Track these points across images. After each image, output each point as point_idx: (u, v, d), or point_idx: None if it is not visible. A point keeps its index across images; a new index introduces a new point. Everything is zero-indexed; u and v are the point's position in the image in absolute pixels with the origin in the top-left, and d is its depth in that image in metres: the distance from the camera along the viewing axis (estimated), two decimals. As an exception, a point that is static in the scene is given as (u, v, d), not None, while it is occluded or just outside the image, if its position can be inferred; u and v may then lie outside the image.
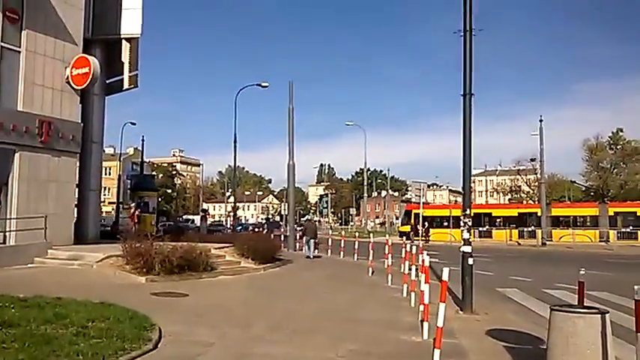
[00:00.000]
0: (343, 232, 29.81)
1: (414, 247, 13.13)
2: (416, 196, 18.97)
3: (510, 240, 38.43)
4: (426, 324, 7.40)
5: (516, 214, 42.87)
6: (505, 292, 13.05)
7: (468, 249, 9.97)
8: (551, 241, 37.03)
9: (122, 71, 19.27)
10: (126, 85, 19.35)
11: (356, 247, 20.73)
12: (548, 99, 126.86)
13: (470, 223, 10.11)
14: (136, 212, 22.54)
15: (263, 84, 35.04)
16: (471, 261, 9.98)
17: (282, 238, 25.25)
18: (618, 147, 74.52)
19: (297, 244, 25.47)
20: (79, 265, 13.19)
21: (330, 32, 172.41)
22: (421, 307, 8.77)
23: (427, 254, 12.18)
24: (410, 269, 11.44)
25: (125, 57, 18.94)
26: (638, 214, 38.76)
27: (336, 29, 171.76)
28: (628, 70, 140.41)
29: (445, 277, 6.17)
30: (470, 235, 10.11)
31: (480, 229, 42.31)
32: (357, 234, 25.77)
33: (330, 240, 23.84)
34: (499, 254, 26.77)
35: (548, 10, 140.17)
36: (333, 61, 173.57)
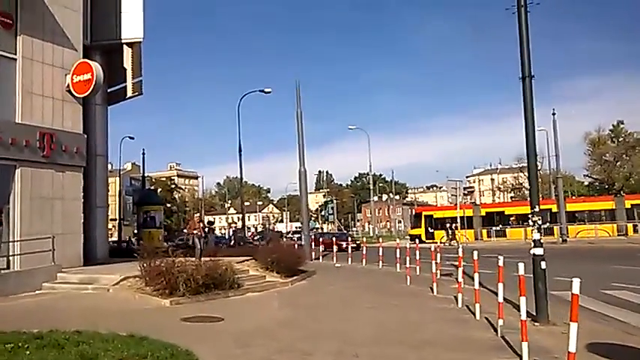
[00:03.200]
0: (364, 239, 28.54)
1: (461, 251, 12.07)
2: (452, 195, 17.89)
3: (527, 238, 37.21)
4: (525, 344, 6.18)
5: (530, 212, 41.70)
6: (561, 295, 11.76)
7: (539, 251, 8.85)
8: (568, 237, 35.88)
9: (125, 79, 18.07)
10: (129, 93, 18.12)
11: (380, 253, 19.57)
12: (543, 95, 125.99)
13: (540, 222, 8.97)
14: (201, 224, 17.61)
15: (266, 90, 33.87)
16: (544, 265, 8.85)
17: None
18: (620, 139, 73.82)
19: (314, 254, 24.28)
20: (94, 290, 11.90)
21: (325, 40, 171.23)
22: (500, 322, 7.64)
23: (445, 257, 11.24)
24: (472, 277, 10.30)
25: (127, 63, 17.74)
26: (656, 205, 37.78)
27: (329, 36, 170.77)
28: (618, 64, 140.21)
29: (576, 289, 4.97)
30: (541, 235, 8.93)
31: (494, 228, 41.24)
32: (380, 239, 24.54)
33: (349, 248, 22.62)
34: (523, 254, 25.37)
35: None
36: (324, 69, 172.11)
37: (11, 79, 13.67)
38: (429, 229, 42.49)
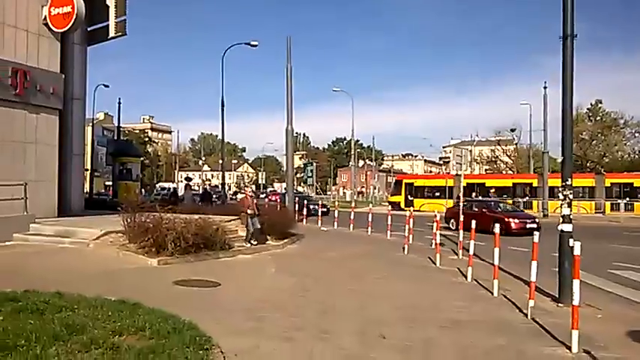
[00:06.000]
0: (353, 204, 27.81)
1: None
2: (457, 163, 17.02)
3: (506, 211, 37.15)
4: (575, 332, 5.50)
5: (510, 185, 41.68)
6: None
7: (568, 227, 8.15)
8: (548, 212, 35.90)
9: (107, 17, 16.51)
10: (112, 33, 16.54)
11: (369, 219, 18.92)
12: (518, 72, 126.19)
13: (571, 196, 8.23)
14: (255, 200, 14.21)
15: (252, 42, 32.19)
16: (571, 242, 8.15)
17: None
18: (597, 118, 74.36)
19: (297, 216, 23.42)
20: (71, 244, 10.82)
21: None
22: (531, 303, 6.99)
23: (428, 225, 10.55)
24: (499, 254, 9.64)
25: (111, 0, 16.20)
26: (635, 185, 37.96)
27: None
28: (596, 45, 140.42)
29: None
30: (571, 210, 8.21)
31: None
32: (370, 205, 23.83)
33: (336, 211, 21.88)
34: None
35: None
36: (313, 30, 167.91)
37: (-20, 5, 12.21)
38: (409, 196, 42.19)
